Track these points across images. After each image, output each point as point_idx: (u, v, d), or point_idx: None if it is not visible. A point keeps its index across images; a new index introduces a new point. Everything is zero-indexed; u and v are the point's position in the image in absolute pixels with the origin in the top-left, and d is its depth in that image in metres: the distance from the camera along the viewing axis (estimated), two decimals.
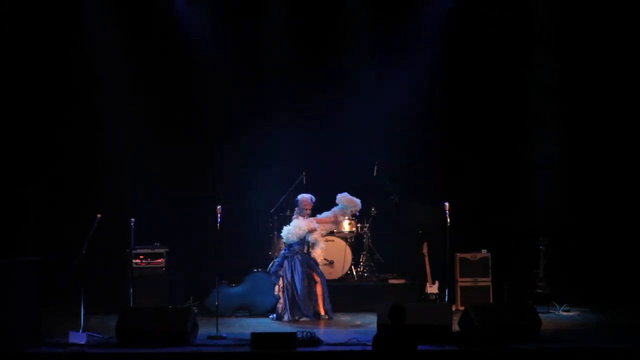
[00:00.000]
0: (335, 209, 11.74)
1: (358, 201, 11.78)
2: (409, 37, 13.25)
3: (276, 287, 11.26)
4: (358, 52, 13.25)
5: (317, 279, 11.29)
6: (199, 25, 13.10)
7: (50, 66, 12.62)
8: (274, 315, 11.21)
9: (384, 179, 12.79)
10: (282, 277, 11.20)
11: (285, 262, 11.23)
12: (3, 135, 12.41)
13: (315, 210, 11.61)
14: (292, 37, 13.07)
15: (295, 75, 13.15)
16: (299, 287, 11.09)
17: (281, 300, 11.15)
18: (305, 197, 11.45)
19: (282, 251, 11.45)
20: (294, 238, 11.20)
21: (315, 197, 11.49)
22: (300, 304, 11.08)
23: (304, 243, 11.29)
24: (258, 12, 13.11)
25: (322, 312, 11.18)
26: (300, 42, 13.09)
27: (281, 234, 11.38)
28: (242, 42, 13.11)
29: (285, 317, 11.05)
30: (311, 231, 11.28)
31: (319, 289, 11.25)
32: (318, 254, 11.42)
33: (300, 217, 11.36)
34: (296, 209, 11.56)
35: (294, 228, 11.20)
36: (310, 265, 11.27)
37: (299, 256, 11.19)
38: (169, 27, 12.96)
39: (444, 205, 10.36)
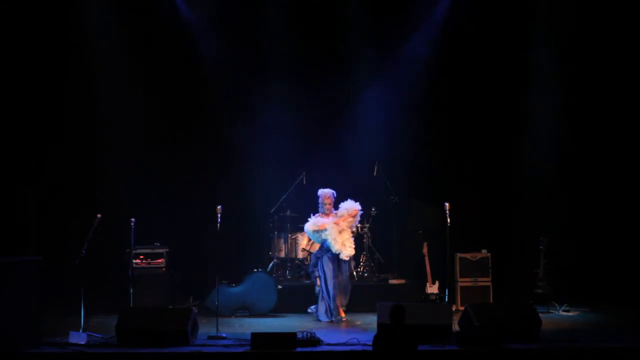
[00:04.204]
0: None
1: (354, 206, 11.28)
2: (408, 36, 13.29)
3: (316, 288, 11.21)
4: (357, 52, 13.26)
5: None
6: (199, 26, 13.11)
7: (50, 65, 12.62)
8: (314, 307, 11.18)
9: (384, 179, 12.80)
10: (319, 277, 11.07)
11: (319, 262, 11.12)
12: (3, 136, 12.41)
13: None
14: (291, 37, 13.07)
15: (295, 75, 13.15)
16: (330, 286, 10.94)
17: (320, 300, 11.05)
18: (324, 192, 11.19)
19: (315, 252, 11.38)
20: (310, 235, 11.17)
21: (336, 193, 11.20)
22: (331, 304, 10.93)
23: (324, 245, 11.06)
24: (258, 11, 13.12)
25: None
26: (299, 42, 13.09)
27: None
28: (241, 41, 13.10)
29: (322, 318, 10.96)
30: (318, 230, 11.00)
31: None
32: (345, 255, 10.93)
33: (319, 215, 11.11)
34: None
35: (306, 226, 11.11)
36: (339, 263, 11.01)
37: (329, 254, 11.03)
38: (168, 26, 12.95)
39: (444, 205, 10.35)
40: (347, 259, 11.05)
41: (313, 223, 11.07)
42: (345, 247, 10.96)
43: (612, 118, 13.04)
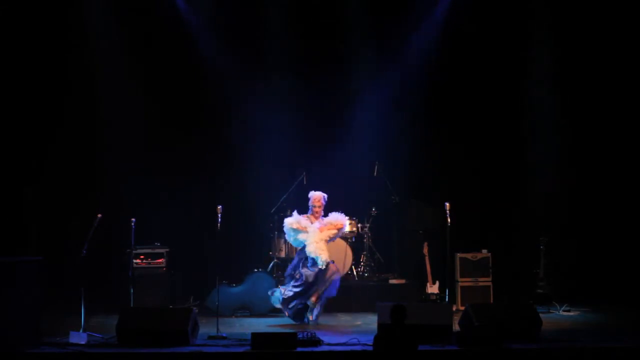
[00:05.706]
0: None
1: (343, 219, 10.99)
2: (408, 36, 13.29)
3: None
4: (357, 52, 13.27)
5: None
6: (199, 26, 13.11)
7: (50, 65, 12.62)
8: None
9: (384, 179, 12.80)
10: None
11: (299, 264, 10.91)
12: (3, 135, 12.41)
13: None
14: (291, 37, 13.07)
15: (295, 75, 13.14)
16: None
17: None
18: (315, 194, 10.88)
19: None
20: (287, 231, 10.82)
21: (327, 196, 10.91)
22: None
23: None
24: (258, 11, 13.11)
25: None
26: (299, 42, 13.09)
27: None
28: (241, 41, 13.10)
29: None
30: (298, 230, 10.67)
31: None
32: (322, 260, 10.58)
33: (305, 216, 10.82)
34: None
35: (286, 220, 10.81)
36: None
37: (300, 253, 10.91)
38: (168, 26, 12.95)
39: (444, 205, 10.33)
40: (323, 266, 10.57)
41: (296, 220, 10.74)
42: (323, 252, 10.60)
43: (613, 118, 13.03)
